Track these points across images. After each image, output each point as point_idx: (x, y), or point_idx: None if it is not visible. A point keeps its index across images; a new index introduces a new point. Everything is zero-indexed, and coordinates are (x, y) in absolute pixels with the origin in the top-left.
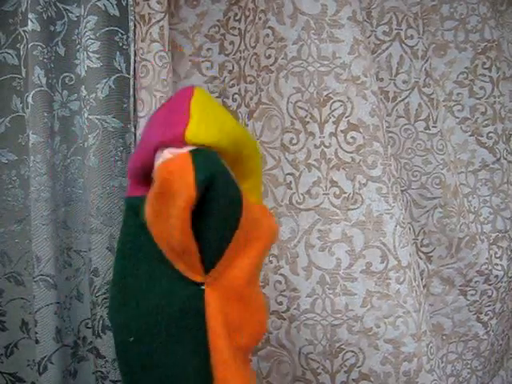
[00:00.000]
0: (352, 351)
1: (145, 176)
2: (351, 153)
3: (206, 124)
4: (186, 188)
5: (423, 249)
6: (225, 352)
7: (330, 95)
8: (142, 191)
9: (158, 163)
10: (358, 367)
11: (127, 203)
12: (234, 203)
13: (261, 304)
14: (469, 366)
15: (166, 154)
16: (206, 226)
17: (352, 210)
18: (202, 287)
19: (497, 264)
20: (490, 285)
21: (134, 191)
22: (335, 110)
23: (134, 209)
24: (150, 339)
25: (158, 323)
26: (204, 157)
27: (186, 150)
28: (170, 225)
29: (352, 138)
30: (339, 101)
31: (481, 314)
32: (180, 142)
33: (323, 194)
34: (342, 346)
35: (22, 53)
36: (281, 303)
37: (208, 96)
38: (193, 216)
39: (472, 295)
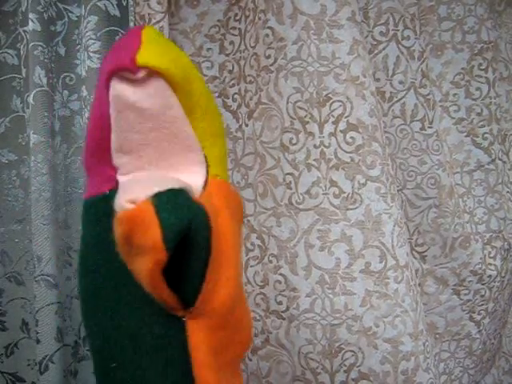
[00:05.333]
0: (351, 351)
1: (106, 154)
2: (350, 153)
3: (157, 49)
4: (153, 249)
5: (417, 248)
6: (210, 382)
7: (330, 95)
8: (106, 184)
9: (116, 208)
10: (358, 367)
11: (86, 206)
12: (206, 241)
13: (246, 322)
14: (461, 365)
15: (123, 203)
16: (181, 270)
17: (351, 209)
18: (184, 319)
19: (490, 264)
20: (483, 284)
21: (95, 187)
22: (335, 110)
23: (96, 213)
24: (133, 367)
25: (139, 350)
26: (169, 204)
27: (145, 197)
28: (140, 276)
29: (351, 138)
30: (338, 101)
31: (474, 313)
32: (132, 65)
33: (323, 193)
34: (342, 346)
35: (22, 53)
36: (280, 303)
37: (159, 32)
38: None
39: (465, 295)
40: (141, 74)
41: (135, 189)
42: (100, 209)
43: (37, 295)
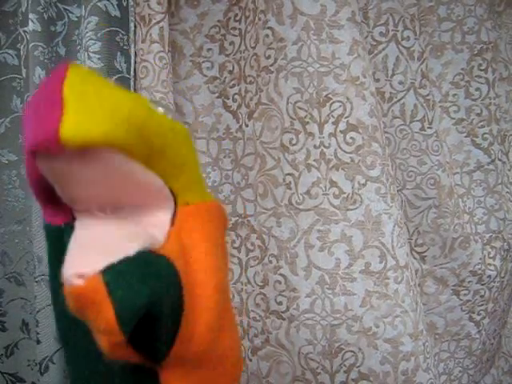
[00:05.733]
0: (351, 351)
1: (50, 194)
2: (350, 153)
3: (87, 112)
4: (108, 332)
5: (417, 248)
6: None
7: (330, 96)
8: (58, 218)
9: (63, 279)
10: (358, 367)
11: (46, 232)
12: (171, 308)
13: (232, 351)
14: (460, 365)
15: (71, 277)
16: (149, 332)
17: (351, 210)
18: (154, 370)
19: (490, 264)
20: (482, 285)
21: (49, 217)
22: (334, 110)
23: (53, 241)
24: None
25: None
26: (122, 280)
27: (95, 271)
28: (101, 346)
29: (351, 138)
30: (338, 101)
31: (473, 313)
32: (55, 142)
33: (323, 194)
34: (342, 346)
35: (22, 53)
36: (280, 303)
37: (89, 72)
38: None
39: (465, 295)
40: (70, 151)
41: (84, 258)
42: (56, 237)
43: (37, 296)
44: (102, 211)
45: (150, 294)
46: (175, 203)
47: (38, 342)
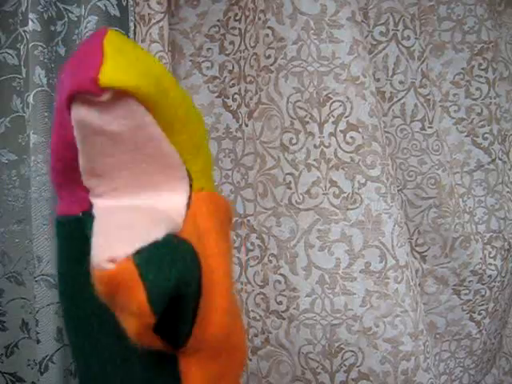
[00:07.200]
0: (351, 351)
1: (76, 174)
2: (350, 153)
3: (124, 63)
4: (140, 314)
5: (418, 248)
6: None
7: (330, 95)
8: (78, 205)
9: (94, 264)
10: (358, 367)
11: (58, 223)
12: (196, 291)
13: (241, 341)
14: (461, 365)
15: (102, 262)
16: (174, 315)
17: (351, 209)
18: (174, 356)
19: (490, 264)
20: (483, 284)
21: (66, 206)
22: (335, 110)
23: (68, 233)
24: None
25: (131, 380)
26: (153, 264)
27: (126, 255)
28: (128, 331)
29: (351, 137)
30: (338, 101)
31: (474, 313)
32: (94, 87)
33: (323, 193)
34: (342, 346)
35: (22, 53)
36: (280, 303)
37: (125, 37)
38: None
39: (465, 294)
40: (106, 97)
41: (114, 243)
42: (72, 230)
43: (37, 295)
44: (117, 198)
45: (179, 276)
46: (190, 186)
47: (38, 341)
